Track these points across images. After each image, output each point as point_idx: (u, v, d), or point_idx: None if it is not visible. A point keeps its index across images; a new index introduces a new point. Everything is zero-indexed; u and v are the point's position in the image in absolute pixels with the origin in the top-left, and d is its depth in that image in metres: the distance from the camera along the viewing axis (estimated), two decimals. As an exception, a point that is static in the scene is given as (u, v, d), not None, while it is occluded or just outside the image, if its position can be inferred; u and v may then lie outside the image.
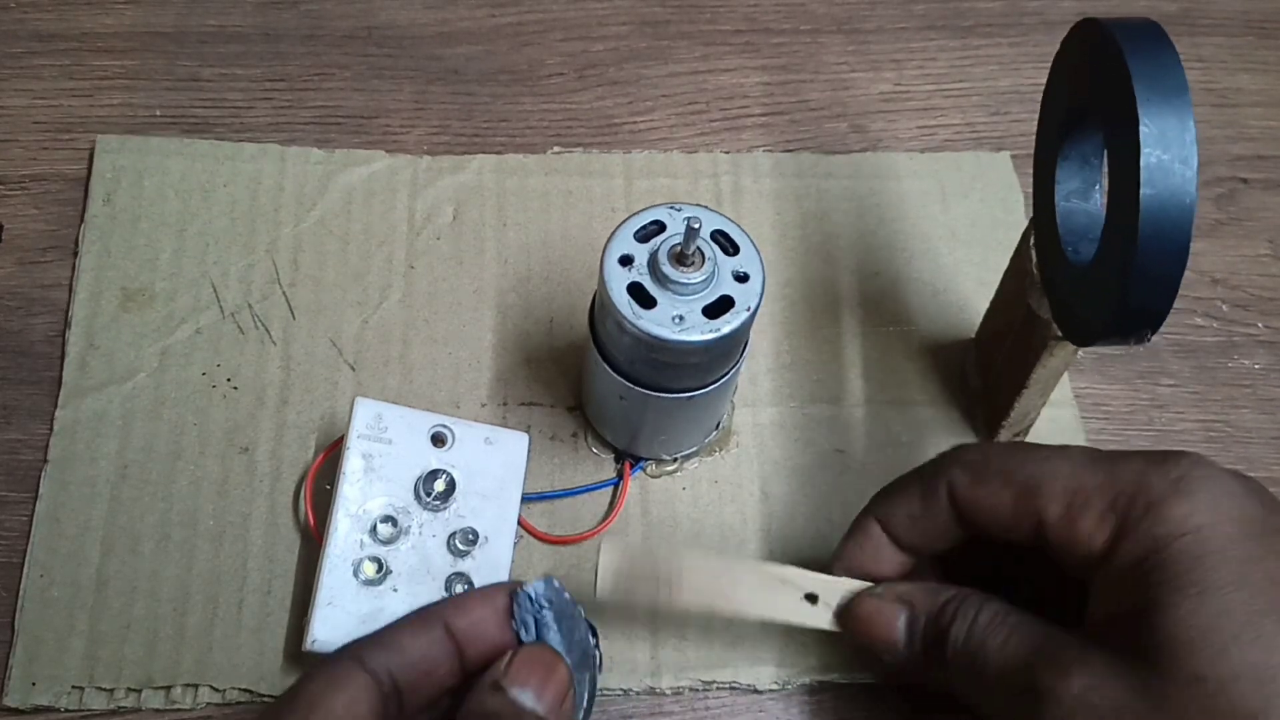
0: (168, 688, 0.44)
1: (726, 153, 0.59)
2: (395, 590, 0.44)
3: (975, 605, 0.39)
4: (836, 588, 0.42)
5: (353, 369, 0.51)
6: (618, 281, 0.41)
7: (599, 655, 0.39)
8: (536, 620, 0.37)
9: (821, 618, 0.42)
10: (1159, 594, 0.35)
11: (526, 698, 0.35)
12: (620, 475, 0.50)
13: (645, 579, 0.41)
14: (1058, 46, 0.42)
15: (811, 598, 0.42)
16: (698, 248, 0.41)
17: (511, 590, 0.38)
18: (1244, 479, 0.38)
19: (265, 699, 0.44)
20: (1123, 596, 0.36)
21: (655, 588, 0.41)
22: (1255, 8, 0.67)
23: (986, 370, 0.51)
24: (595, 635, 0.39)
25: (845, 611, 0.41)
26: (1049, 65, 0.43)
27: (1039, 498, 0.38)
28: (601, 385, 0.46)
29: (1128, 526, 0.36)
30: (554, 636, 0.37)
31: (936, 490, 0.41)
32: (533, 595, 0.38)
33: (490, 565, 0.45)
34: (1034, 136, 0.45)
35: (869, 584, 0.42)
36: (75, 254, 0.53)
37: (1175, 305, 0.36)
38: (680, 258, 0.41)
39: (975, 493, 0.40)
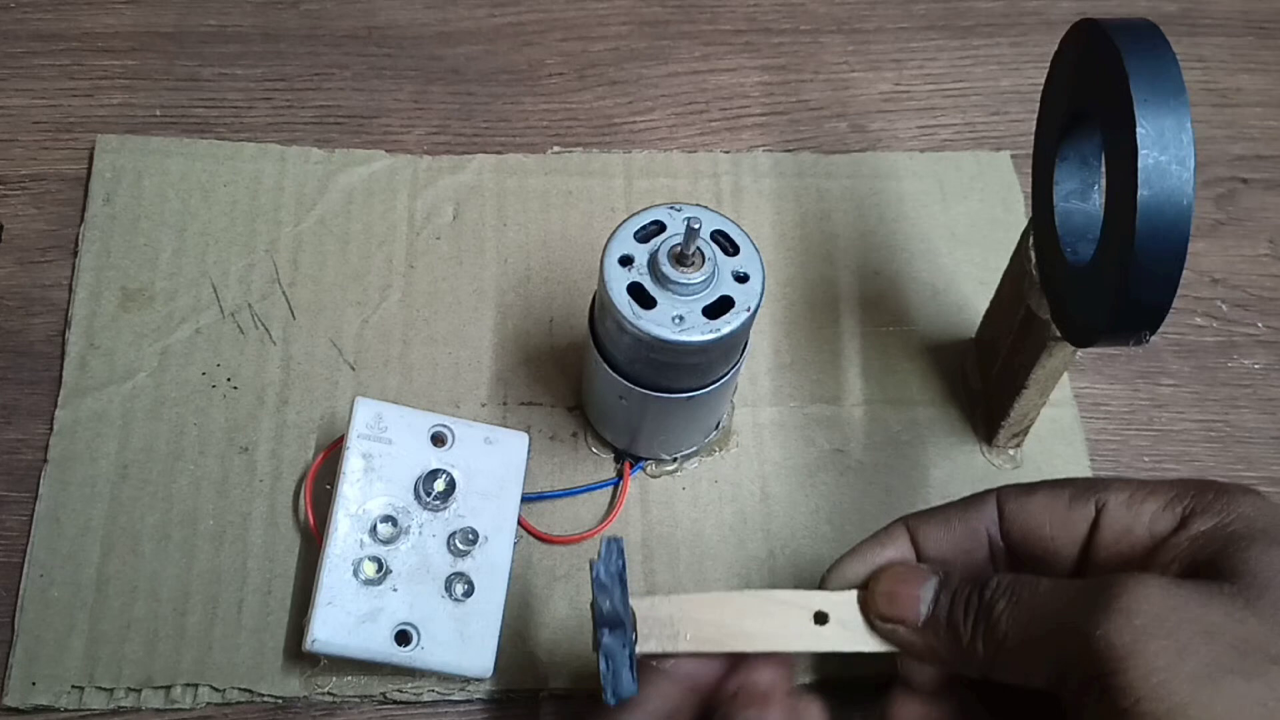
0: (168, 687, 0.44)
1: (726, 152, 0.59)
2: (395, 590, 0.44)
3: (1011, 577, 0.37)
4: (843, 600, 0.40)
5: (353, 369, 0.51)
6: (618, 282, 0.41)
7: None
8: (620, 578, 0.38)
9: (837, 638, 0.40)
10: (1241, 544, 0.34)
11: None
12: (620, 475, 0.50)
13: (653, 629, 0.39)
14: (1057, 46, 0.42)
15: (820, 617, 0.40)
16: (698, 248, 0.41)
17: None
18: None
19: (265, 699, 0.45)
20: (1187, 558, 0.36)
21: (663, 637, 0.39)
22: (1255, 7, 0.67)
23: (986, 370, 0.51)
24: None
25: (868, 591, 0.40)
26: (1049, 65, 0.43)
27: (1101, 491, 0.38)
28: (601, 385, 0.46)
29: (1198, 509, 0.36)
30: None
31: (983, 502, 0.40)
32: (619, 549, 0.38)
33: (490, 565, 0.45)
34: (1033, 136, 0.45)
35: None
36: (75, 254, 0.53)
37: (1175, 305, 0.36)
38: (680, 258, 0.41)
39: (1027, 500, 0.39)
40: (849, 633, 0.40)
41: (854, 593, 0.40)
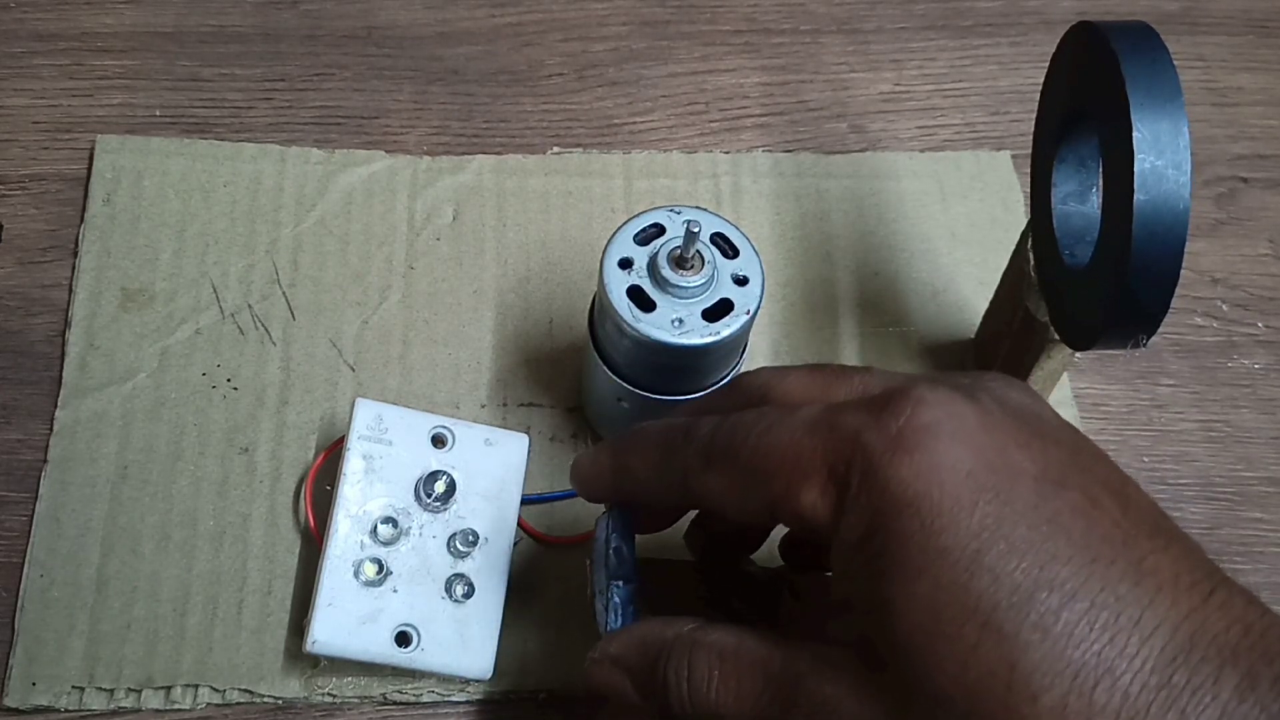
0: (168, 688, 0.45)
1: (726, 153, 0.59)
2: (395, 591, 0.44)
3: (685, 656, 0.33)
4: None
5: (353, 369, 0.51)
6: (617, 284, 0.41)
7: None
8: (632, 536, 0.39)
9: None
10: (889, 588, 0.28)
11: None
12: (619, 476, 0.50)
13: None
14: (1055, 49, 0.42)
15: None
16: (697, 251, 0.41)
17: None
18: (979, 402, 0.30)
19: (265, 700, 0.45)
20: (856, 586, 0.30)
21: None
22: (1256, 6, 0.67)
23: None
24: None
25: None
26: (1047, 66, 0.43)
27: (762, 478, 0.32)
28: (601, 387, 0.46)
29: (846, 499, 0.30)
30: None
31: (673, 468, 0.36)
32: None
33: (490, 566, 0.45)
34: (1032, 138, 0.45)
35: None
36: (75, 254, 0.53)
37: (1175, 305, 0.36)
38: (680, 261, 0.41)
39: (703, 480, 0.34)
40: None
41: None
